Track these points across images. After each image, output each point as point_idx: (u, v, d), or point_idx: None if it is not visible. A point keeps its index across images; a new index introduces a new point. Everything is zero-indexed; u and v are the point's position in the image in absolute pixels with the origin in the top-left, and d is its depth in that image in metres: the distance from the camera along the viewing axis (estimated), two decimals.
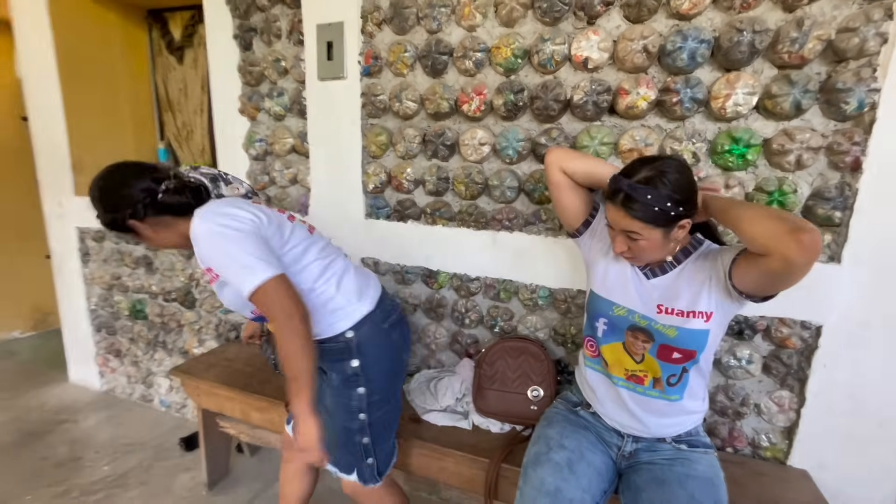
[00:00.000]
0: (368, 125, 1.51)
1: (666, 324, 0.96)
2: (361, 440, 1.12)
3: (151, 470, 1.78)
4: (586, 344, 1.10)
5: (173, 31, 2.30)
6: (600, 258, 1.06)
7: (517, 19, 1.26)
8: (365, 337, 1.08)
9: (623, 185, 0.88)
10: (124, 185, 0.97)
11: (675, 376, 0.99)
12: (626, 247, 0.93)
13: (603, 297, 1.04)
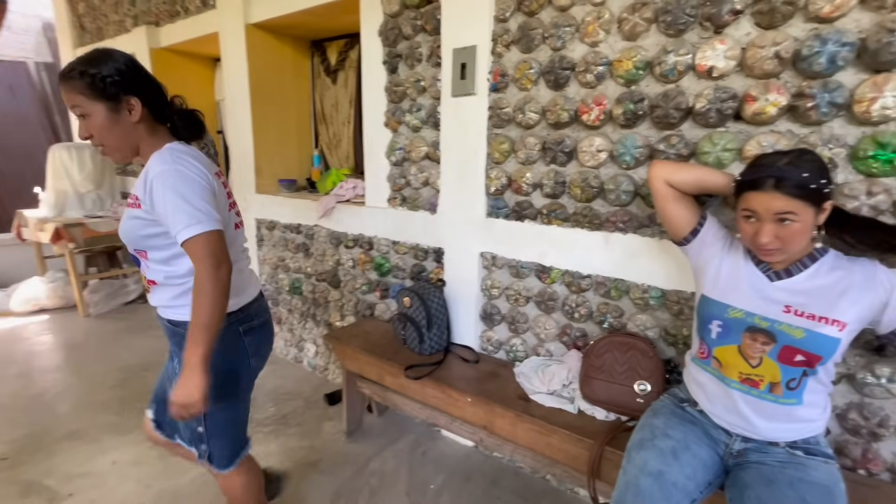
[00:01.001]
0: (493, 134, 1.70)
1: (793, 324, 0.97)
2: (197, 428, 1.15)
3: (304, 415, 2.21)
4: (697, 346, 1.15)
5: (330, 57, 2.75)
6: (711, 262, 1.10)
7: (640, 33, 1.34)
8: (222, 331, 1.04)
9: (772, 170, 0.92)
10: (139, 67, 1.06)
11: (794, 380, 0.99)
12: (774, 236, 0.94)
13: (716, 300, 1.08)
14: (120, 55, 1.04)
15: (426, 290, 1.84)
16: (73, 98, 1.01)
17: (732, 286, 1.06)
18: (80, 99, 1.00)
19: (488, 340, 1.87)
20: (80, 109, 1.01)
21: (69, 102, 1.02)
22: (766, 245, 0.95)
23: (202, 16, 2.76)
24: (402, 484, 1.77)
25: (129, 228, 1.07)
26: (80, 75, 0.99)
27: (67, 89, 1.01)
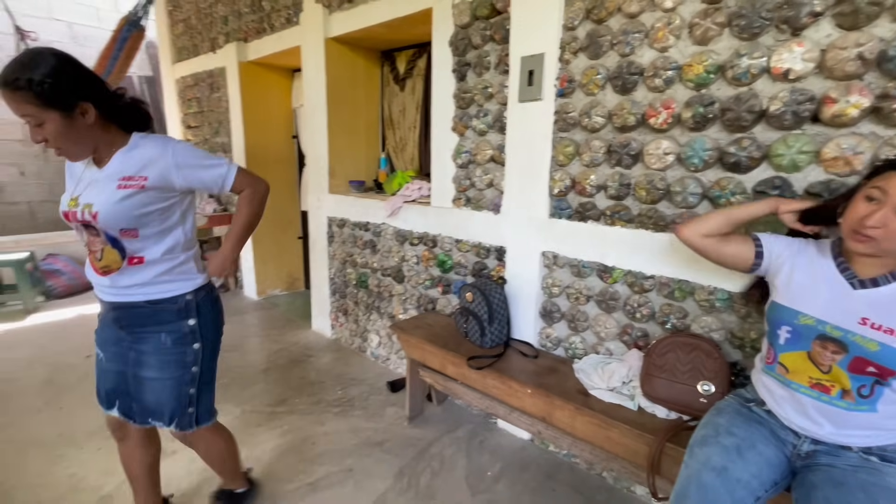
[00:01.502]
0: (558, 138, 1.76)
1: (868, 337, 0.96)
2: (189, 391, 1.30)
3: (368, 399, 2.37)
4: (765, 350, 1.15)
5: (399, 66, 2.93)
6: (782, 269, 1.10)
7: (712, 38, 1.36)
8: (201, 300, 1.29)
9: None
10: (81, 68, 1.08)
11: (865, 387, 0.98)
12: (884, 223, 0.91)
13: (785, 306, 1.08)
14: (62, 57, 1.03)
15: (488, 287, 1.93)
16: (23, 108, 1.00)
17: (806, 292, 1.05)
18: (32, 109, 1.00)
19: (547, 337, 1.93)
20: (33, 119, 1.01)
21: (19, 112, 1.01)
22: (870, 227, 0.92)
23: (286, 32, 3.03)
24: (460, 469, 1.87)
25: (124, 209, 1.12)
26: (28, 85, 0.98)
27: (15, 99, 0.99)
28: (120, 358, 1.29)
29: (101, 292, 1.27)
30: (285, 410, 2.26)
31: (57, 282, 3.92)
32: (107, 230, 1.15)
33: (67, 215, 1.17)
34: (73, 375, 2.58)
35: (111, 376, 1.31)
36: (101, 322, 1.33)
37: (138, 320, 1.24)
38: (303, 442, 2.02)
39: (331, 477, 1.80)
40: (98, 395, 1.35)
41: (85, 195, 1.14)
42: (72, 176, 1.21)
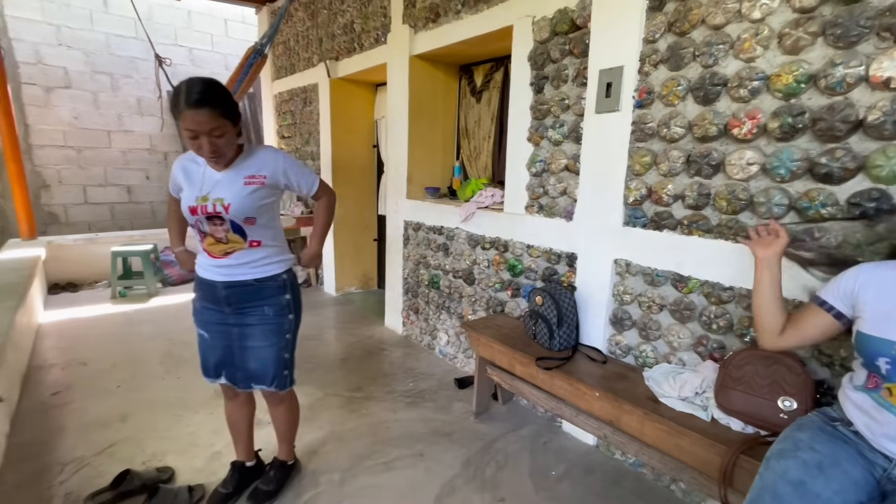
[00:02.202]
0: (635, 148, 1.79)
1: None
2: (285, 355, 1.54)
3: (437, 394, 2.51)
4: (864, 376, 1.10)
5: (476, 79, 3.08)
6: (862, 305, 1.06)
7: (804, 47, 1.34)
8: (292, 279, 1.56)
9: None
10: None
11: None
12: None
13: (875, 336, 1.03)
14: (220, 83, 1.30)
15: (558, 291, 1.99)
16: (215, 121, 1.26)
17: (890, 316, 1.00)
18: (221, 121, 1.27)
19: (617, 344, 1.95)
20: (219, 130, 1.27)
21: (209, 125, 1.24)
22: None
23: (374, 50, 3.31)
24: (524, 466, 1.93)
25: (251, 201, 1.39)
26: (219, 103, 1.25)
27: (209, 114, 1.23)
28: (224, 335, 1.51)
29: (215, 274, 1.46)
30: (362, 396, 2.46)
31: (172, 271, 4.53)
32: (234, 219, 1.39)
33: (195, 209, 1.38)
34: (187, 351, 2.99)
35: (218, 351, 1.53)
36: (200, 306, 1.54)
37: (246, 296, 1.47)
38: (378, 425, 2.20)
39: (403, 459, 1.95)
40: (205, 369, 1.58)
41: (214, 192, 1.38)
42: (189, 178, 1.42)
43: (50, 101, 5.38)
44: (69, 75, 5.45)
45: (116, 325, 3.46)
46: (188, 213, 1.40)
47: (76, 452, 1.93)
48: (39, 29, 5.22)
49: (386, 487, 1.79)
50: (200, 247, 1.47)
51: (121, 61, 5.71)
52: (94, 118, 5.66)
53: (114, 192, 5.91)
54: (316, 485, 1.79)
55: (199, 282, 1.52)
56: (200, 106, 1.23)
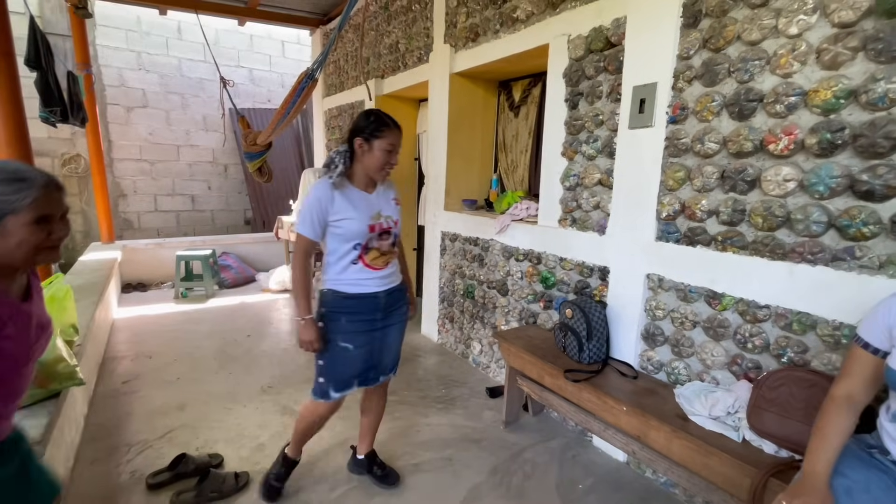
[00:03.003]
0: (668, 163, 1.79)
1: None
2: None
3: (469, 401, 2.56)
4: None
5: (514, 94, 3.15)
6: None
7: (843, 63, 1.31)
8: None
9: None
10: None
11: None
12: None
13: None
14: None
15: (588, 305, 2.01)
16: (400, 141, 1.56)
17: None
18: (399, 143, 1.56)
19: (649, 360, 1.93)
20: (399, 148, 1.56)
21: (398, 144, 1.55)
22: None
23: (417, 69, 3.46)
24: (552, 477, 1.94)
25: (400, 218, 1.69)
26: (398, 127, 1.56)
27: (398, 135, 1.55)
28: (370, 341, 1.63)
29: (377, 285, 1.61)
30: (396, 400, 2.56)
31: (227, 275, 4.88)
32: (396, 233, 1.66)
33: (373, 227, 1.56)
34: (238, 349, 3.23)
35: (360, 359, 1.62)
36: (347, 321, 1.58)
37: (396, 299, 1.69)
38: (409, 428, 2.28)
39: (433, 462, 2.02)
40: (340, 383, 1.60)
41: (384, 211, 1.61)
42: (353, 202, 1.54)
43: (130, 120, 5.99)
44: (146, 96, 6.05)
45: (178, 323, 3.78)
46: (365, 231, 1.54)
47: (141, 435, 2.15)
48: (123, 55, 5.85)
49: (414, 488, 1.86)
50: (352, 266, 1.56)
51: (190, 82, 6.27)
52: (166, 134, 6.23)
53: (180, 200, 6.45)
54: (349, 480, 1.89)
55: (349, 300, 1.58)
56: (399, 128, 1.56)
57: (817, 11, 1.36)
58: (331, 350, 1.59)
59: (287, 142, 6.61)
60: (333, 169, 1.54)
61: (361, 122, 1.54)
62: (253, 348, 3.26)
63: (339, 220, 1.52)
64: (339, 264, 1.57)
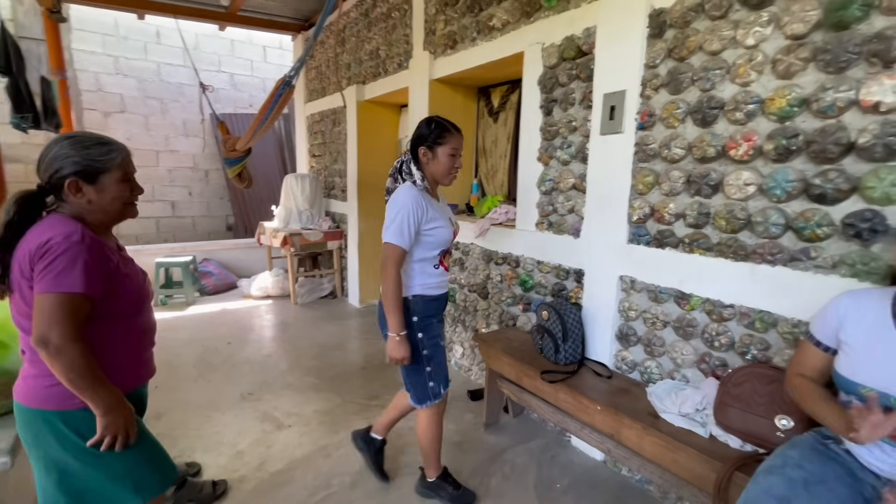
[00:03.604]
0: (638, 168, 1.85)
1: None
2: None
3: (450, 404, 2.57)
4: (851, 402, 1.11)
5: (493, 100, 3.20)
6: (843, 343, 1.08)
7: (796, 72, 1.38)
8: None
9: None
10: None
11: None
12: None
13: (845, 377, 1.05)
14: None
15: (563, 307, 2.05)
16: (461, 144, 1.59)
17: (866, 362, 1.01)
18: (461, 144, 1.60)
19: (623, 360, 1.98)
20: (461, 151, 1.59)
21: (460, 148, 1.58)
22: None
23: (397, 75, 3.49)
24: (530, 477, 1.97)
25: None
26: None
27: (461, 140, 1.58)
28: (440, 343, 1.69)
29: (447, 285, 1.70)
30: (378, 404, 2.56)
31: (208, 281, 4.82)
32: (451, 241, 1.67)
33: (455, 233, 1.69)
34: (218, 357, 3.19)
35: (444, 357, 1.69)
36: (437, 322, 1.67)
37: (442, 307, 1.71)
38: (391, 433, 2.28)
39: (413, 465, 2.02)
40: (444, 378, 1.68)
41: (452, 217, 1.72)
42: (437, 209, 1.60)
43: (107, 125, 5.89)
44: (124, 101, 5.96)
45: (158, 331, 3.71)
46: (451, 237, 1.64)
47: None
48: (100, 60, 5.76)
49: (394, 490, 1.87)
50: (436, 269, 1.62)
51: (170, 87, 6.20)
52: (145, 139, 6.14)
53: (160, 206, 6.35)
54: (328, 486, 1.89)
55: (436, 302, 1.64)
56: (459, 131, 1.59)
57: (772, 23, 1.43)
58: (434, 353, 1.62)
59: (269, 147, 6.57)
60: (408, 175, 1.59)
61: (423, 130, 1.56)
62: (234, 355, 3.23)
63: (432, 228, 1.54)
64: (425, 271, 1.60)
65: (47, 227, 1.01)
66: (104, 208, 1.08)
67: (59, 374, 0.99)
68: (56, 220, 1.03)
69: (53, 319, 0.96)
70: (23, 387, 1.06)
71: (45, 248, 0.97)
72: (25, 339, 1.04)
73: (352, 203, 4.29)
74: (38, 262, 0.97)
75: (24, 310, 1.02)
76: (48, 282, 0.96)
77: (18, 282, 1.00)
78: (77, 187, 1.04)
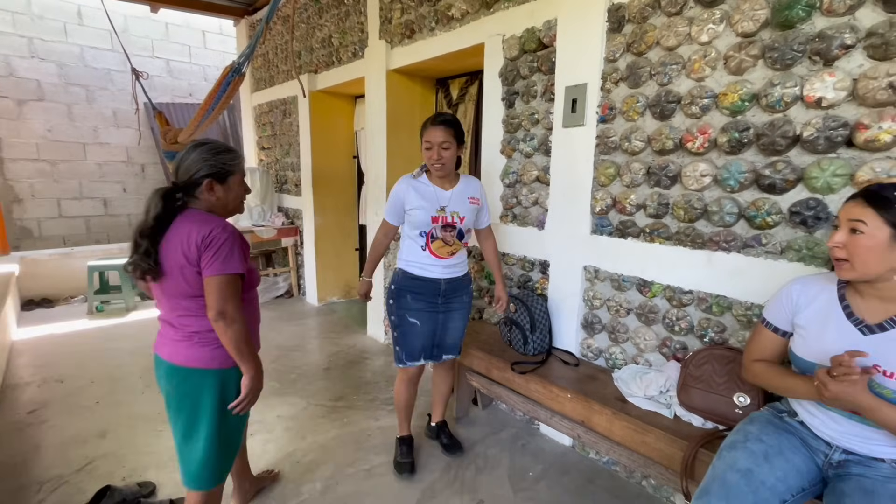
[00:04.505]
0: (600, 160, 1.89)
1: (883, 384, 0.98)
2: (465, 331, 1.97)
3: (419, 399, 2.54)
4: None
5: (452, 92, 3.16)
6: (797, 326, 1.15)
7: (746, 69, 1.45)
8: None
9: (874, 185, 0.99)
10: None
11: None
12: (844, 242, 0.99)
13: (802, 358, 1.12)
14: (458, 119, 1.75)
15: (530, 298, 2.07)
16: (445, 137, 1.69)
17: (819, 344, 1.08)
18: (450, 138, 1.69)
19: (588, 347, 2.03)
20: (447, 143, 1.68)
21: (440, 138, 1.67)
22: (833, 248, 1.01)
23: (352, 64, 3.37)
24: (503, 468, 1.99)
25: (473, 215, 1.82)
26: (452, 125, 1.69)
27: (444, 131, 1.68)
28: (433, 321, 1.85)
29: (439, 273, 1.80)
30: (344, 405, 2.49)
31: None
32: (462, 228, 1.78)
33: (436, 219, 1.74)
34: None
35: (424, 335, 1.84)
36: (412, 300, 1.81)
37: (456, 288, 1.86)
38: (360, 433, 2.23)
39: (385, 465, 1.99)
40: (410, 354, 1.85)
41: (450, 206, 1.76)
42: (424, 195, 1.75)
43: (22, 114, 5.28)
44: (42, 87, 5.36)
45: (94, 341, 3.41)
46: (428, 221, 1.74)
47: (54, 471, 1.92)
48: (10, 41, 5.14)
49: (367, 494, 1.82)
50: (422, 252, 1.77)
51: (96, 73, 5.65)
52: (69, 131, 5.58)
53: (89, 205, 5.81)
54: (298, 494, 1.81)
55: (415, 281, 1.81)
56: (445, 124, 1.70)
57: (724, 21, 1.49)
58: (402, 324, 1.83)
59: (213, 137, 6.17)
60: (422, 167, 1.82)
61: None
62: None
63: (410, 210, 1.75)
64: (410, 248, 1.81)
65: (200, 221, 1.21)
66: (227, 204, 1.32)
67: (229, 340, 1.21)
68: (201, 216, 1.23)
69: (227, 295, 1.19)
70: (186, 352, 1.25)
71: (210, 239, 1.17)
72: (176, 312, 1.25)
73: (306, 197, 4.12)
74: (206, 251, 1.17)
75: (184, 289, 1.22)
76: (218, 266, 1.18)
77: (181, 267, 1.19)
78: (211, 187, 1.26)
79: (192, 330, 1.25)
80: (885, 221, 0.94)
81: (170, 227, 1.20)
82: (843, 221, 1.02)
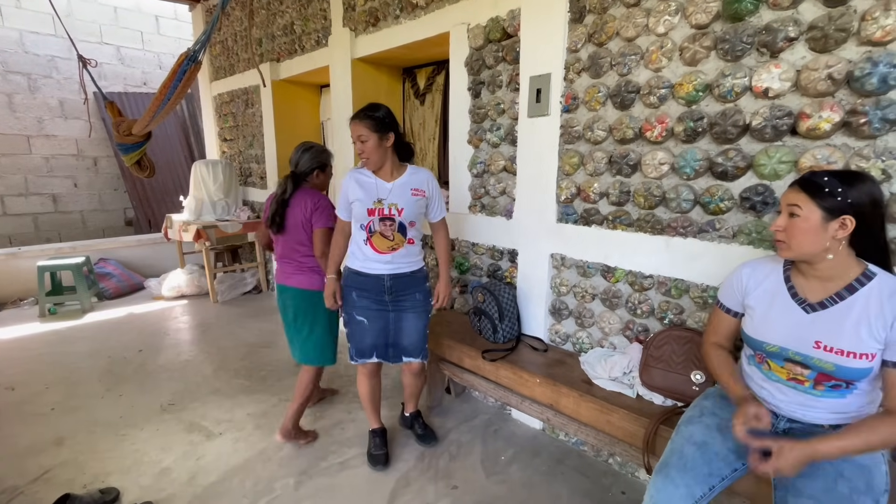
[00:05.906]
0: (564, 150, 1.92)
1: (823, 359, 1.06)
2: (426, 332, 1.88)
3: (393, 391, 2.56)
4: (755, 354, 1.26)
5: (419, 82, 3.14)
6: (747, 307, 1.22)
7: (700, 60, 1.50)
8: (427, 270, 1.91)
9: (808, 173, 1.06)
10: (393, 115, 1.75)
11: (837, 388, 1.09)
12: (784, 225, 1.07)
13: (752, 337, 1.19)
14: (388, 108, 1.68)
15: (497, 288, 2.10)
16: (360, 130, 1.63)
17: (766, 322, 1.16)
18: (365, 131, 1.63)
19: (556, 333, 2.09)
20: (363, 137, 1.63)
21: (356, 132, 1.64)
22: (775, 232, 1.09)
23: (316, 53, 3.28)
24: (476, 453, 2.03)
25: (416, 208, 1.74)
26: (367, 117, 1.63)
27: (358, 124, 1.63)
28: (382, 319, 1.81)
29: (382, 269, 1.75)
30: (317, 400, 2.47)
31: (108, 284, 4.28)
32: (403, 221, 1.72)
33: (372, 211, 1.69)
34: (128, 367, 2.87)
35: (374, 333, 1.81)
36: (358, 297, 1.78)
37: (404, 285, 1.79)
38: (334, 427, 2.22)
39: (359, 457, 1.99)
40: (360, 351, 1.84)
41: (389, 198, 1.69)
42: (363, 187, 1.70)
43: None
44: None
45: (47, 345, 3.24)
46: (365, 214, 1.69)
47: (7, 482, 1.83)
48: None
49: (342, 486, 1.83)
50: (364, 246, 1.74)
51: (38, 60, 5.29)
52: (10, 122, 5.22)
53: (37, 201, 5.47)
54: (271, 491, 1.80)
55: (359, 277, 1.78)
56: (358, 118, 1.65)
57: (679, 13, 1.54)
58: (350, 321, 1.82)
59: (171, 130, 5.91)
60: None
61: None
62: (147, 364, 2.92)
63: (352, 202, 1.72)
64: (355, 244, 1.78)
65: (311, 195, 1.92)
66: (321, 185, 2.05)
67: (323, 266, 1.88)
68: (310, 191, 1.95)
69: (327, 241, 1.85)
70: (306, 280, 1.95)
71: (317, 205, 1.89)
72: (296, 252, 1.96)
73: (272, 190, 4.01)
74: (315, 212, 1.88)
75: (302, 237, 1.93)
76: (323, 222, 1.89)
77: (302, 224, 1.90)
78: (317, 174, 2.00)
79: (309, 266, 1.94)
80: (817, 205, 1.02)
81: (291, 199, 1.90)
82: (784, 206, 1.09)
